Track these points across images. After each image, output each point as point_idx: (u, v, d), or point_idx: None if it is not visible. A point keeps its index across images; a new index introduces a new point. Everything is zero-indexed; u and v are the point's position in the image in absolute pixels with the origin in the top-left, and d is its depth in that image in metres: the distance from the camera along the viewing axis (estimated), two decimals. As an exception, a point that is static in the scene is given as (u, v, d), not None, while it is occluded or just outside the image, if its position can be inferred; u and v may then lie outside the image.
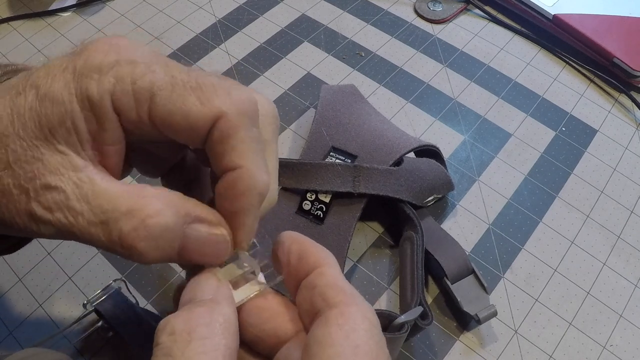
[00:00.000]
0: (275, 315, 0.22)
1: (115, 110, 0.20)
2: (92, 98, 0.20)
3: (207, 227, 0.21)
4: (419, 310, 0.38)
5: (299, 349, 0.21)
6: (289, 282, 0.23)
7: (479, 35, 0.62)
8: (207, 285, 0.21)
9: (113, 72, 0.20)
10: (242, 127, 0.21)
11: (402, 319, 0.37)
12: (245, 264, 0.23)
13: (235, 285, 0.23)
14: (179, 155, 0.27)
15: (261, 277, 0.23)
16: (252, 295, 0.22)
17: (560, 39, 0.60)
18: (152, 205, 0.20)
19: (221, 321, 0.19)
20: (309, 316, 0.21)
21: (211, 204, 0.23)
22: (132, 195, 0.20)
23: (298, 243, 0.22)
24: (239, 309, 0.22)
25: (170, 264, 0.43)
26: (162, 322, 0.19)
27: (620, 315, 0.43)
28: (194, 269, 0.23)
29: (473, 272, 0.43)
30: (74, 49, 0.22)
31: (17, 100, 0.20)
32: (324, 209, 0.44)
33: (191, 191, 0.26)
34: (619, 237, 0.47)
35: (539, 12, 0.60)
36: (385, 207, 0.47)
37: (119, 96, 0.20)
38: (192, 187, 0.27)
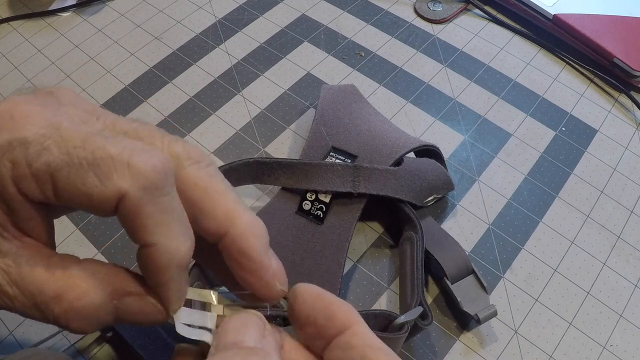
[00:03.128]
0: None
1: (20, 192, 0.20)
2: None
3: (137, 299, 0.21)
4: (419, 310, 0.38)
5: None
6: (315, 340, 0.22)
7: (479, 35, 0.62)
8: (255, 330, 0.21)
9: (7, 155, 0.19)
10: (146, 204, 0.19)
11: (402, 319, 0.37)
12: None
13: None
14: None
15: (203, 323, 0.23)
16: None
17: (560, 39, 0.60)
18: (79, 287, 0.20)
19: None
20: None
21: None
22: (57, 277, 0.20)
23: (321, 300, 0.22)
24: None
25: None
26: None
27: (620, 315, 0.43)
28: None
29: (473, 272, 0.43)
30: None
31: None
32: (324, 209, 0.44)
33: None
34: (619, 237, 0.47)
35: (539, 12, 0.60)
36: (385, 207, 0.47)
37: (19, 180, 0.19)
38: None
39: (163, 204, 0.20)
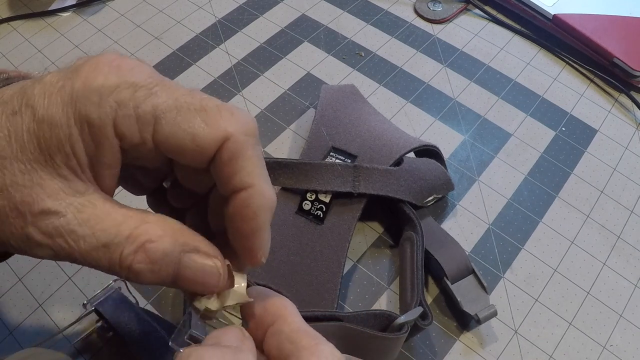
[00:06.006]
0: None
1: (117, 134, 0.20)
2: (92, 122, 0.20)
3: (202, 257, 0.22)
4: (419, 310, 0.38)
5: None
6: (256, 332, 0.23)
7: (479, 35, 0.62)
8: (233, 335, 0.22)
9: (114, 96, 0.20)
10: (248, 147, 0.21)
11: (402, 319, 0.37)
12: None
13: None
14: (158, 181, 0.27)
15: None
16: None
17: (560, 39, 0.60)
18: (153, 231, 0.21)
19: None
20: None
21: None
22: (135, 220, 0.21)
23: (260, 296, 0.24)
24: None
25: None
26: (186, 350, 0.20)
27: (620, 315, 0.43)
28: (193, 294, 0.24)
29: (473, 272, 0.43)
30: (71, 64, 0.21)
31: (13, 120, 0.20)
32: (324, 209, 0.44)
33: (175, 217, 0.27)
34: (619, 237, 0.47)
35: (539, 12, 0.60)
36: (385, 207, 0.47)
37: (122, 121, 0.20)
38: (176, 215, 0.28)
39: (258, 152, 0.22)
